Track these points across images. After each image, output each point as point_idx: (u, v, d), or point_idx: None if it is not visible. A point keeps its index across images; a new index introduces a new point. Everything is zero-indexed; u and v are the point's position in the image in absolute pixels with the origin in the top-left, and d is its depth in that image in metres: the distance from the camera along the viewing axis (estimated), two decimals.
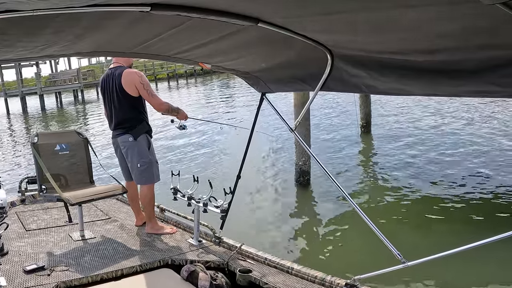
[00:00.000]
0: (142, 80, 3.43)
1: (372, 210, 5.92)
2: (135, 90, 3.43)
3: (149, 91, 3.45)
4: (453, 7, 1.27)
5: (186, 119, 3.68)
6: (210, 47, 2.18)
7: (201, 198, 3.18)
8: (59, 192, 3.35)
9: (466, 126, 10.70)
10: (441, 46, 1.59)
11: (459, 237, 4.59)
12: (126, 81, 3.42)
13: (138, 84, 3.41)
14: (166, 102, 3.54)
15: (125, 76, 3.42)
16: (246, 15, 1.66)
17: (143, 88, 3.42)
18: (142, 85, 3.42)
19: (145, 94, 3.44)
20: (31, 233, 3.63)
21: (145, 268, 2.92)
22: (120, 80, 3.43)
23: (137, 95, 3.45)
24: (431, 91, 1.90)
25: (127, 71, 3.46)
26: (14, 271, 2.83)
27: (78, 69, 39.82)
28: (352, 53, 2.02)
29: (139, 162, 3.49)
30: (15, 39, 1.67)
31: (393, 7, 1.37)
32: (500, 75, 1.54)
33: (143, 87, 3.42)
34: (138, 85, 3.41)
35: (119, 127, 3.54)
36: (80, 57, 31.02)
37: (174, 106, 3.60)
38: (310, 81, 2.41)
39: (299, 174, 7.35)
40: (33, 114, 27.44)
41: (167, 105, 3.52)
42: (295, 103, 7.26)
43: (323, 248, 5.02)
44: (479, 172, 7.20)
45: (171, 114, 3.61)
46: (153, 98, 3.46)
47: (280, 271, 2.74)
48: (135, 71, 3.50)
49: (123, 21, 1.66)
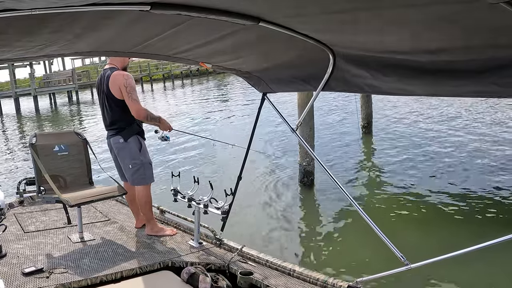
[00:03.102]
0: (126, 82, 3.38)
1: (375, 211, 5.90)
2: (120, 93, 3.38)
3: (130, 94, 3.36)
4: (456, 6, 1.26)
5: (169, 131, 3.64)
6: (210, 47, 2.16)
7: (201, 200, 3.16)
8: (58, 194, 3.32)
9: (469, 126, 10.68)
10: (443, 46, 1.58)
11: (463, 239, 4.58)
12: (112, 84, 3.39)
13: (121, 86, 3.37)
14: (145, 109, 3.46)
15: (112, 78, 3.40)
16: (247, 14, 1.64)
17: (126, 90, 3.36)
18: (125, 88, 3.36)
19: (126, 96, 3.37)
20: (29, 235, 3.60)
21: (145, 271, 2.90)
22: (108, 82, 3.41)
23: (123, 98, 3.40)
24: (434, 91, 1.89)
25: (115, 73, 3.41)
26: (13, 274, 2.80)
27: (73, 69, 39.28)
28: (354, 53, 2.00)
29: (130, 163, 3.48)
30: (13, 39, 1.65)
31: (395, 6, 1.36)
32: (502, 76, 1.54)
33: (126, 90, 3.36)
34: (121, 87, 3.37)
35: (111, 128, 3.55)
36: (79, 57, 31.13)
37: (155, 115, 3.52)
38: (311, 81, 2.39)
39: (303, 174, 7.32)
40: (27, 115, 27.27)
41: (145, 112, 3.43)
42: (299, 102, 7.23)
43: (325, 250, 5.00)
44: (483, 173, 7.17)
45: (152, 123, 3.55)
46: (132, 103, 3.37)
47: (281, 274, 2.72)
48: (123, 73, 3.43)
49: (122, 20, 1.64)
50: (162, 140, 3.67)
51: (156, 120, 3.53)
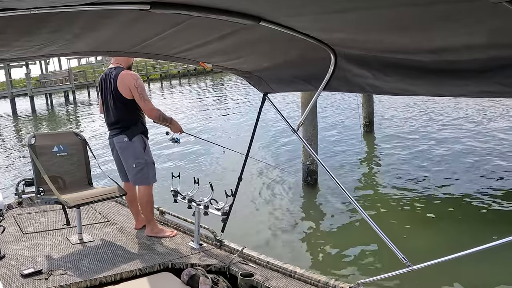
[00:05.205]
0: (136, 83, 3.40)
1: (377, 212, 5.86)
2: (129, 93, 3.40)
3: (141, 95, 3.40)
4: (458, 5, 1.25)
5: (180, 133, 3.64)
6: (211, 47, 2.15)
7: (202, 201, 3.15)
8: (57, 195, 3.31)
9: (471, 125, 10.62)
10: (446, 45, 1.57)
11: (466, 240, 4.55)
12: (121, 84, 3.40)
13: (132, 87, 3.39)
14: (158, 109, 3.49)
15: (120, 78, 3.40)
16: (247, 13, 1.63)
17: (137, 91, 3.39)
18: (136, 89, 3.39)
19: (137, 98, 3.41)
20: (28, 236, 3.58)
21: (145, 272, 2.88)
22: (116, 81, 3.41)
23: (132, 97, 3.42)
24: (436, 91, 1.88)
25: (123, 73, 3.42)
26: (11, 275, 2.78)
27: (69, 69, 39.05)
28: (356, 53, 1.99)
29: (134, 163, 3.47)
30: (12, 39, 1.64)
31: (397, 5, 1.35)
32: (506, 75, 1.52)
33: (137, 91, 3.39)
34: (132, 88, 3.39)
35: (114, 128, 3.54)
36: (78, 56, 30.89)
37: (167, 116, 3.54)
38: (313, 81, 2.38)
39: (306, 173, 7.27)
40: (23, 116, 27.13)
41: (158, 112, 3.46)
42: (302, 101, 7.17)
43: (326, 251, 4.97)
44: (486, 172, 7.11)
45: (163, 124, 3.57)
46: (144, 103, 3.41)
47: (282, 275, 2.71)
48: (131, 74, 3.46)
49: (122, 20, 1.63)
50: (172, 142, 3.66)
51: (168, 121, 3.54)
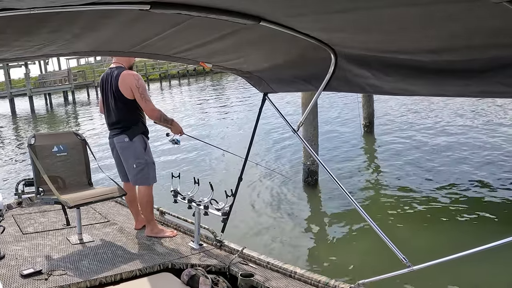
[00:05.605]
0: (138, 83, 3.40)
1: (377, 212, 5.84)
2: (130, 93, 3.40)
3: (143, 95, 3.41)
4: (458, 5, 1.24)
5: (180, 134, 3.65)
6: (211, 46, 2.15)
7: (202, 201, 3.14)
8: (56, 195, 3.30)
9: (472, 126, 10.62)
10: (446, 45, 1.56)
11: (467, 240, 4.54)
12: (123, 84, 3.40)
13: (133, 87, 3.39)
14: (159, 110, 3.50)
15: (122, 78, 3.40)
16: (248, 13, 1.63)
17: (138, 91, 3.40)
18: (138, 89, 3.39)
19: (138, 98, 3.41)
20: (28, 237, 3.57)
21: (145, 272, 2.88)
22: (117, 81, 3.41)
23: (133, 98, 3.42)
24: (437, 91, 1.87)
25: (125, 73, 3.42)
26: (11, 276, 2.78)
27: (68, 69, 38.87)
28: (356, 53, 1.99)
29: (135, 163, 3.47)
30: (12, 39, 1.64)
31: (397, 5, 1.34)
32: (506, 75, 1.52)
33: (138, 91, 3.39)
34: (133, 88, 3.39)
35: (115, 127, 3.53)
36: (78, 56, 30.78)
37: (168, 117, 3.55)
38: (313, 81, 2.38)
39: (307, 174, 7.25)
40: (22, 116, 27.06)
41: (159, 113, 3.47)
42: (302, 101, 7.16)
43: (327, 251, 4.97)
44: (486, 173, 7.10)
45: (164, 125, 3.57)
46: (145, 103, 3.42)
47: (283, 276, 2.71)
48: (133, 74, 3.46)
49: (122, 19, 1.62)
50: (172, 143, 3.67)
51: (168, 122, 3.55)
